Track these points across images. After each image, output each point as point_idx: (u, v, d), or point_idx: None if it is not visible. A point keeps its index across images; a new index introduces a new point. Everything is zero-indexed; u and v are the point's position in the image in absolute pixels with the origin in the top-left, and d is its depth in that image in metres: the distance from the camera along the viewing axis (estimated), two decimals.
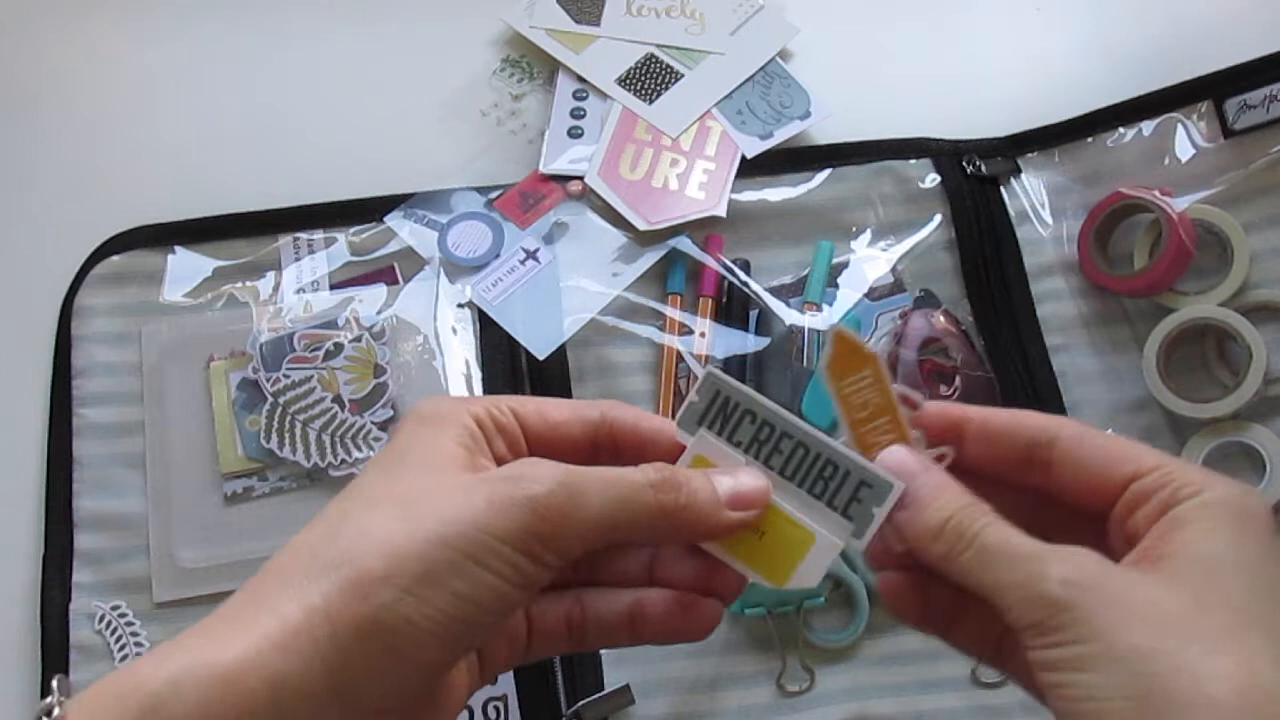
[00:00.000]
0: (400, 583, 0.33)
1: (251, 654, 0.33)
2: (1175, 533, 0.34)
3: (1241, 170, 0.68)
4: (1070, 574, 0.33)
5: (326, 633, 0.33)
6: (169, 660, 0.33)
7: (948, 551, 0.36)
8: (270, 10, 0.79)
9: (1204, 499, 0.35)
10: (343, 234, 0.71)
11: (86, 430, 0.67)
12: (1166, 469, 0.36)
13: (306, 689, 0.33)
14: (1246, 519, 0.34)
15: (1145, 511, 0.36)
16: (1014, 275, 0.70)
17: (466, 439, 0.38)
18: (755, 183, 0.72)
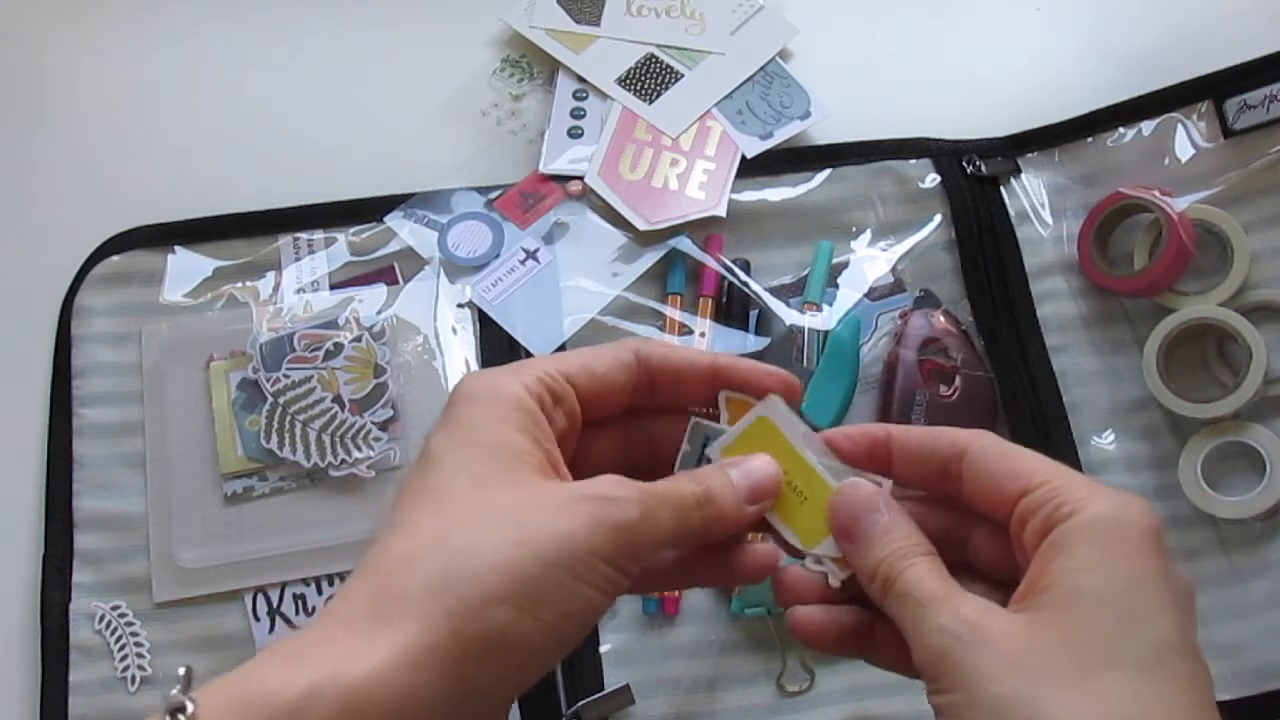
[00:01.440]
0: (519, 603, 0.35)
1: (383, 670, 0.33)
2: (1051, 560, 0.36)
3: (1241, 170, 0.68)
4: (948, 623, 0.35)
5: (453, 652, 0.34)
6: (301, 672, 0.34)
7: (879, 591, 0.39)
8: (270, 10, 0.79)
9: (1080, 520, 0.36)
10: (343, 234, 0.71)
11: (86, 430, 0.67)
12: (1052, 484, 0.37)
13: (434, 703, 0.34)
14: (1119, 540, 0.35)
15: (1030, 531, 0.37)
16: (1014, 275, 0.70)
17: (530, 425, 0.39)
18: (755, 183, 0.72)
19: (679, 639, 0.64)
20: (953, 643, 0.35)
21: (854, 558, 0.40)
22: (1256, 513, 0.63)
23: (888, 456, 0.42)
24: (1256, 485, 0.63)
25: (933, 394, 0.66)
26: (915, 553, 0.38)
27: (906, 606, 0.37)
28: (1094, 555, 0.35)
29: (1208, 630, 0.63)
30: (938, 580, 0.37)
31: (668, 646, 0.64)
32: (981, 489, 0.39)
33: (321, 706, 0.33)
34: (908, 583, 0.37)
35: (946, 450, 0.40)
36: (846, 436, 0.42)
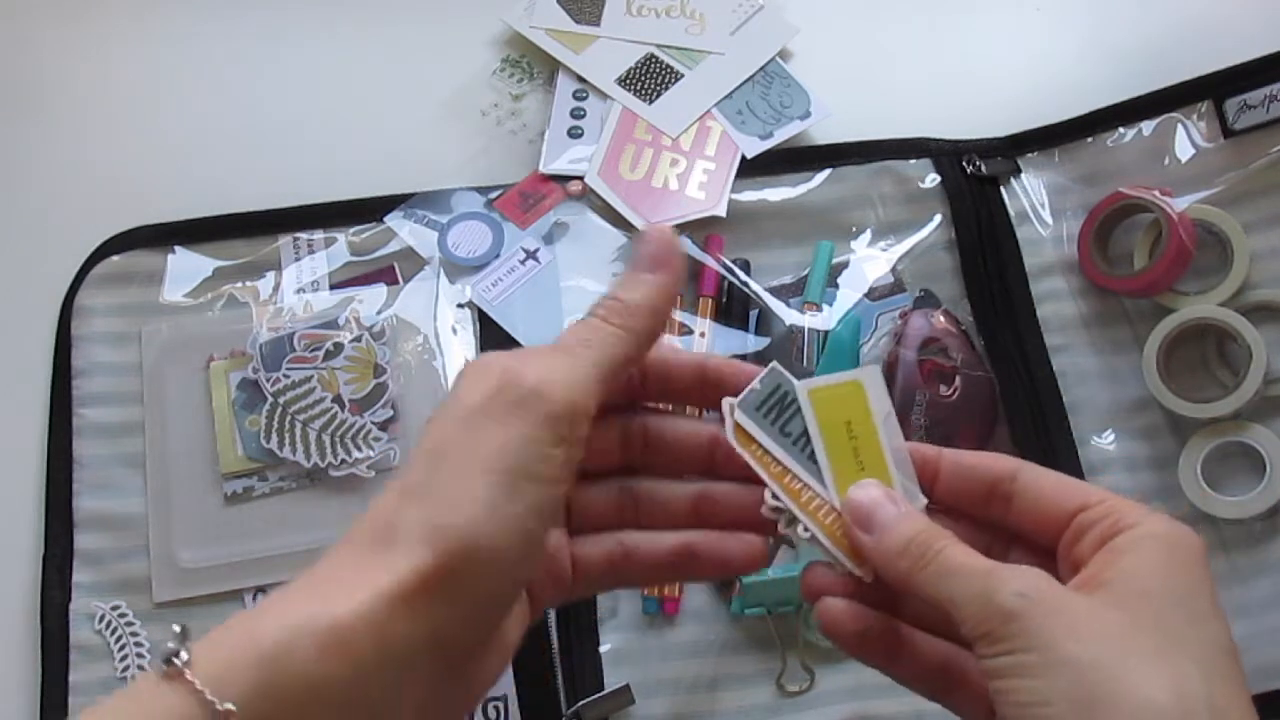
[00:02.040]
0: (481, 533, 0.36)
1: (365, 611, 0.35)
2: (1115, 561, 0.37)
3: (1241, 170, 0.68)
4: (1022, 588, 0.36)
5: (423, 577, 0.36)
6: (284, 615, 0.35)
7: (910, 566, 0.39)
8: (270, 10, 0.79)
9: (1141, 531, 0.38)
10: (343, 234, 0.71)
11: (86, 430, 0.67)
12: (1110, 503, 0.39)
13: (411, 643, 0.35)
14: (1178, 551, 0.38)
15: (1089, 540, 0.39)
16: (1014, 275, 0.69)
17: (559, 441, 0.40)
18: (755, 183, 0.72)
19: (679, 639, 0.64)
20: (1030, 605, 0.36)
21: (876, 545, 0.41)
22: (1256, 513, 0.63)
23: (934, 475, 0.43)
24: (1256, 485, 0.63)
25: (933, 394, 0.66)
26: (945, 534, 0.40)
27: (959, 577, 0.38)
28: (1158, 560, 0.37)
29: None
30: (983, 557, 0.39)
31: (668, 646, 0.64)
32: (1035, 507, 0.41)
33: (302, 647, 0.34)
34: (954, 556, 0.39)
35: (999, 470, 0.42)
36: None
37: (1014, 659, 0.35)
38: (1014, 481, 0.42)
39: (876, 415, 0.44)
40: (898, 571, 0.40)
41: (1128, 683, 0.34)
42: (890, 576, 0.40)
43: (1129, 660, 0.34)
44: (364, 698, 0.35)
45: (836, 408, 0.44)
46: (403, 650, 0.35)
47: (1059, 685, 0.34)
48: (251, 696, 0.34)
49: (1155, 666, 0.34)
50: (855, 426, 0.44)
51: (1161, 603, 0.36)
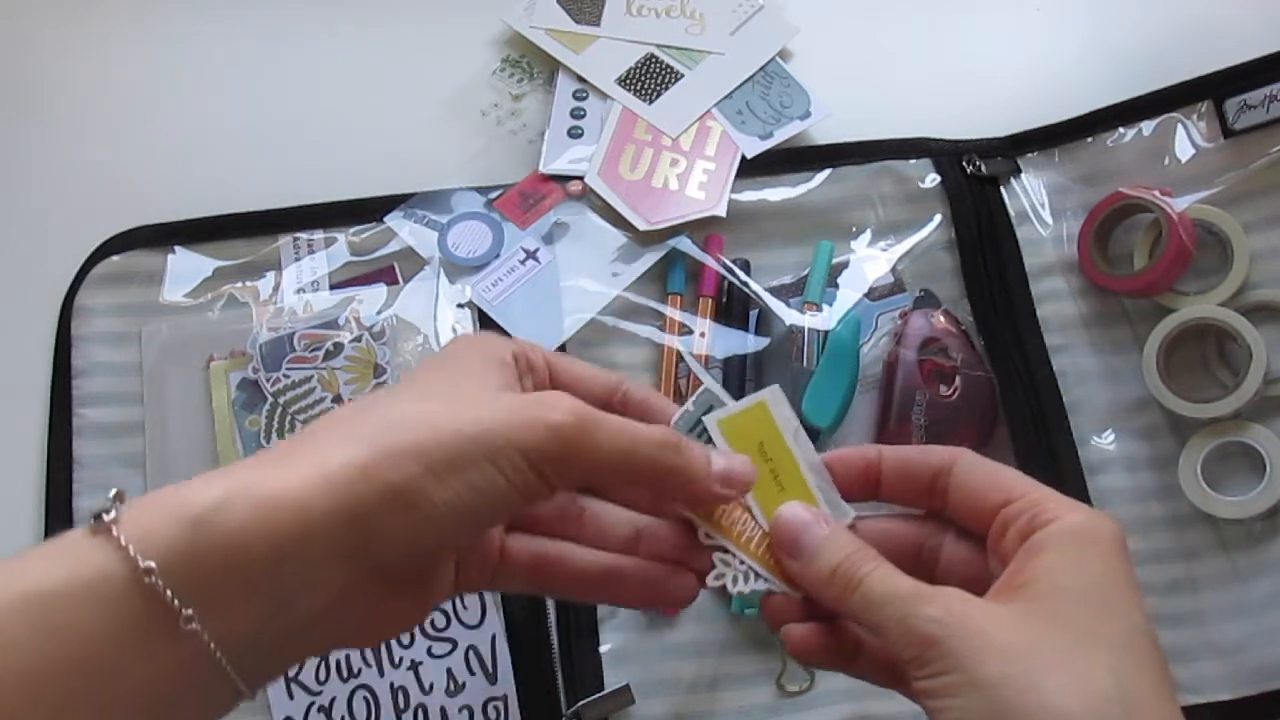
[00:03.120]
0: (429, 463, 0.37)
1: (293, 487, 0.36)
2: (1030, 561, 0.39)
3: (1241, 170, 0.68)
4: (937, 613, 0.38)
5: (360, 487, 0.37)
6: (215, 484, 0.36)
7: (839, 594, 0.41)
8: (270, 10, 0.79)
9: (1056, 527, 0.39)
10: (343, 234, 0.71)
11: (86, 430, 0.67)
12: (1031, 497, 0.41)
13: (330, 528, 0.36)
14: (1092, 544, 0.39)
15: (1011, 536, 0.40)
16: (1014, 275, 0.69)
17: (503, 367, 0.43)
18: (755, 183, 0.72)
19: (679, 639, 0.64)
20: (944, 630, 0.37)
21: (804, 570, 0.43)
22: (1256, 513, 0.63)
23: (878, 475, 0.45)
24: (1256, 485, 0.63)
25: (933, 394, 0.66)
26: (872, 558, 0.41)
27: (883, 603, 0.40)
28: (1071, 555, 0.39)
29: (1208, 630, 0.63)
30: (907, 579, 0.40)
31: (668, 646, 0.64)
32: (966, 500, 0.43)
33: (232, 512, 0.35)
34: (877, 582, 0.40)
35: (935, 465, 0.43)
36: (840, 460, 0.45)
37: (936, 681, 0.37)
38: (950, 474, 0.43)
39: (786, 433, 0.45)
40: (827, 598, 0.42)
41: (1037, 695, 0.36)
42: (823, 602, 0.42)
43: (1038, 672, 0.36)
44: (278, 577, 0.36)
45: (747, 433, 0.45)
46: (324, 534, 0.36)
47: (977, 704, 0.36)
48: (173, 557, 0.35)
49: (1064, 673, 0.36)
50: (768, 448, 0.45)
51: (1074, 600, 0.38)
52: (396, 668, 0.63)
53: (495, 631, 0.63)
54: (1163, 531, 0.65)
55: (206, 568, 0.35)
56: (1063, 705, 0.35)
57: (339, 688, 0.63)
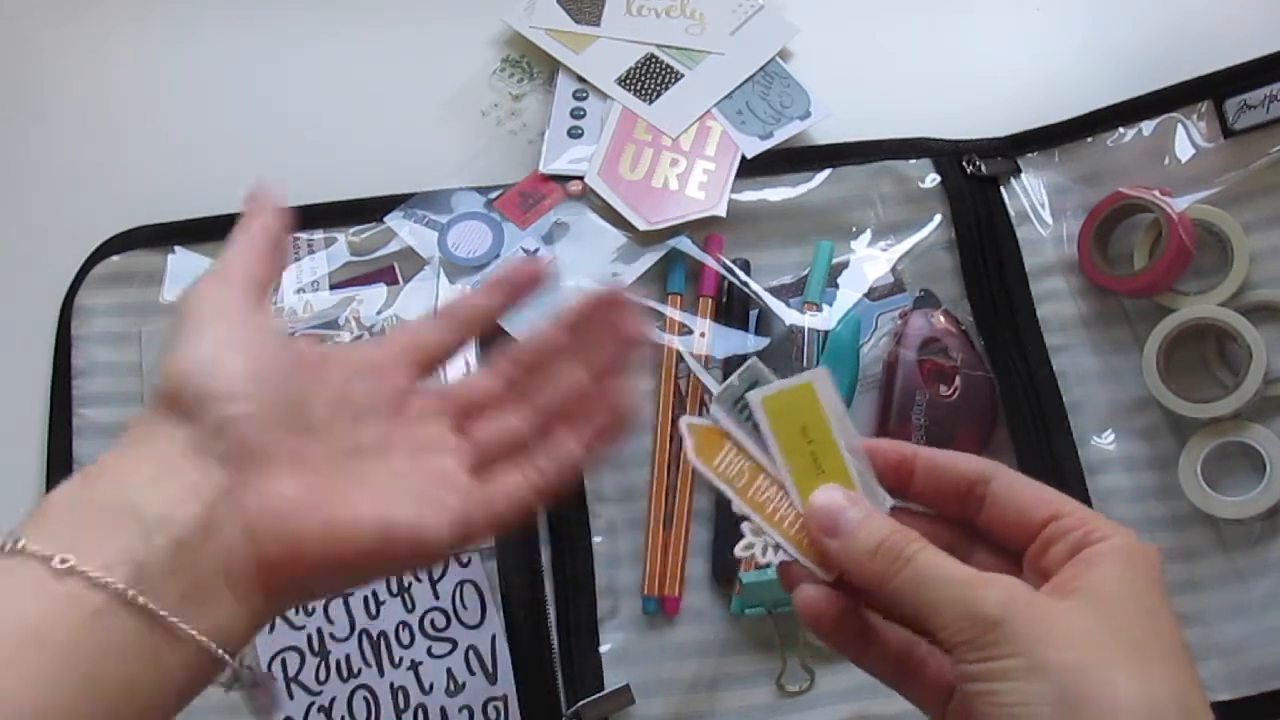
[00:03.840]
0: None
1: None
2: (1084, 572, 0.39)
3: (1241, 170, 0.68)
4: (1003, 597, 0.38)
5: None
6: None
7: (884, 570, 0.40)
8: (270, 10, 0.79)
9: (1108, 545, 0.40)
10: (343, 234, 0.71)
11: (86, 430, 0.67)
12: (1081, 515, 0.41)
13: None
14: (1141, 564, 0.40)
15: (1058, 550, 0.41)
16: (1014, 275, 0.70)
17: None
18: (755, 183, 0.72)
19: (679, 639, 0.64)
20: (1008, 613, 0.37)
21: (843, 550, 0.42)
22: (1256, 513, 0.63)
23: (910, 473, 0.44)
24: (1256, 485, 0.63)
25: (933, 394, 0.66)
26: (917, 538, 0.41)
27: (938, 583, 0.39)
28: (1123, 572, 0.40)
29: (1208, 630, 0.63)
30: (958, 563, 0.40)
31: (667, 646, 0.64)
32: (1007, 512, 0.43)
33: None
34: (928, 562, 0.40)
35: (970, 474, 0.43)
36: (876, 450, 0.45)
37: (998, 664, 0.37)
38: (988, 485, 0.43)
39: (831, 417, 0.44)
40: (870, 575, 0.41)
41: (1106, 685, 0.36)
42: (862, 580, 0.41)
43: (1105, 664, 0.37)
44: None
45: (791, 413, 0.44)
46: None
47: (1042, 688, 0.36)
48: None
49: (1129, 670, 0.37)
50: (811, 430, 0.44)
51: (1129, 611, 0.39)
52: (396, 668, 0.63)
53: (495, 631, 0.63)
54: (1163, 531, 0.65)
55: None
56: (1128, 699, 0.36)
57: (339, 688, 0.63)
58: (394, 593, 0.64)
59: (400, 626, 0.63)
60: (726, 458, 0.44)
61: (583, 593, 0.64)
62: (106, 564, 0.37)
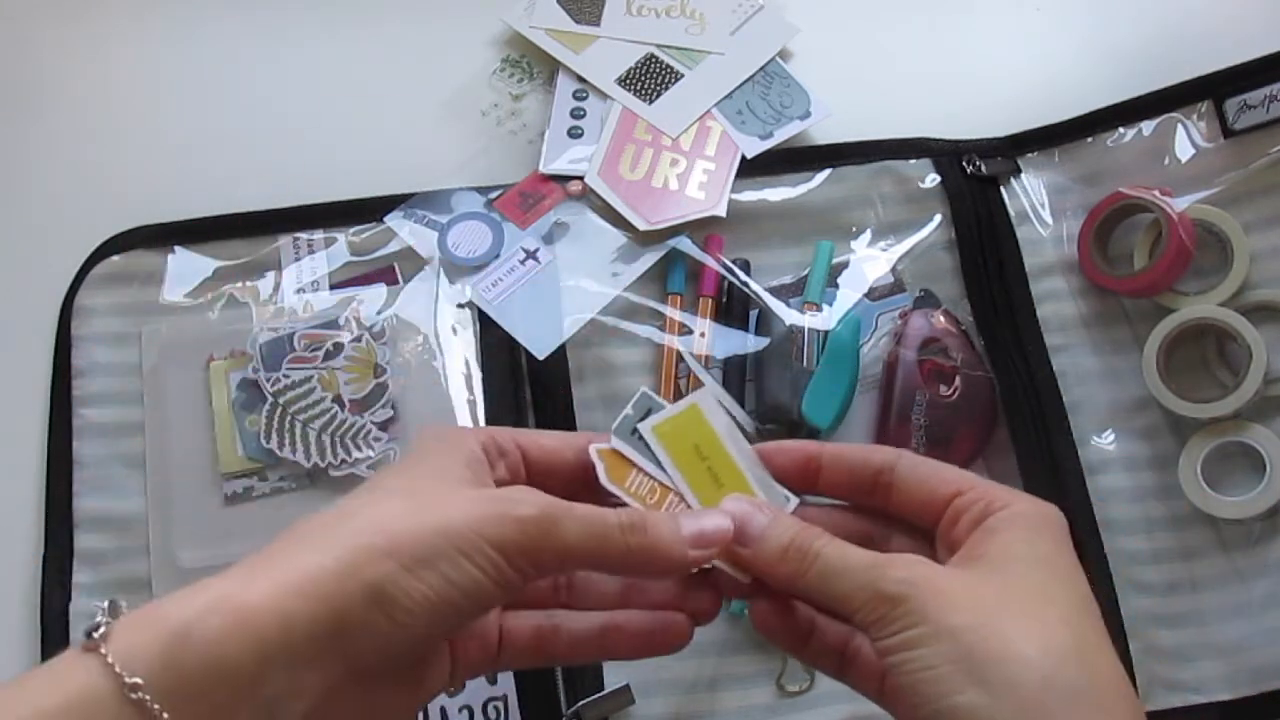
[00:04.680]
0: (404, 561, 0.39)
1: (270, 597, 0.37)
2: (986, 539, 0.42)
3: (1241, 170, 0.68)
4: (903, 575, 0.40)
5: (336, 589, 0.38)
6: (196, 597, 0.38)
7: (794, 570, 0.43)
8: (270, 10, 0.79)
9: (1010, 511, 0.42)
10: (343, 234, 0.71)
11: (86, 430, 0.67)
12: (982, 489, 0.44)
13: (313, 633, 0.37)
14: (1042, 525, 0.43)
15: (964, 522, 0.43)
16: (1014, 275, 0.69)
17: (474, 462, 0.44)
18: (755, 183, 0.72)
19: None
20: (911, 589, 0.40)
21: (755, 555, 0.44)
22: (1256, 513, 0.63)
23: (817, 470, 0.47)
24: (1256, 485, 0.63)
25: (933, 394, 0.66)
26: (820, 534, 0.43)
27: (845, 573, 0.41)
28: (1024, 535, 0.42)
29: (1208, 630, 0.63)
30: (862, 550, 0.42)
31: None
32: (914, 494, 0.45)
33: (211, 622, 0.37)
34: (834, 555, 0.42)
35: (877, 462, 0.45)
36: (780, 451, 0.47)
37: (903, 636, 0.39)
38: (894, 471, 0.45)
39: (720, 432, 0.46)
40: (784, 575, 0.43)
41: (1002, 641, 0.38)
42: (777, 581, 0.44)
43: (1002, 622, 0.39)
44: (264, 681, 0.37)
45: (682, 436, 0.47)
46: (305, 639, 0.37)
47: (944, 650, 0.38)
48: (158, 670, 0.36)
49: (1026, 625, 0.39)
50: (704, 448, 0.47)
51: (1028, 569, 0.41)
52: None
53: None
54: (1163, 531, 0.65)
55: (191, 679, 0.36)
56: (1025, 650, 0.38)
57: None
58: None
59: None
60: (636, 479, 0.46)
61: None
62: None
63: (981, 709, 0.37)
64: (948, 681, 0.38)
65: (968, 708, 0.37)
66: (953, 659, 0.38)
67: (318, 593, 0.38)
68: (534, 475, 0.46)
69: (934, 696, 0.38)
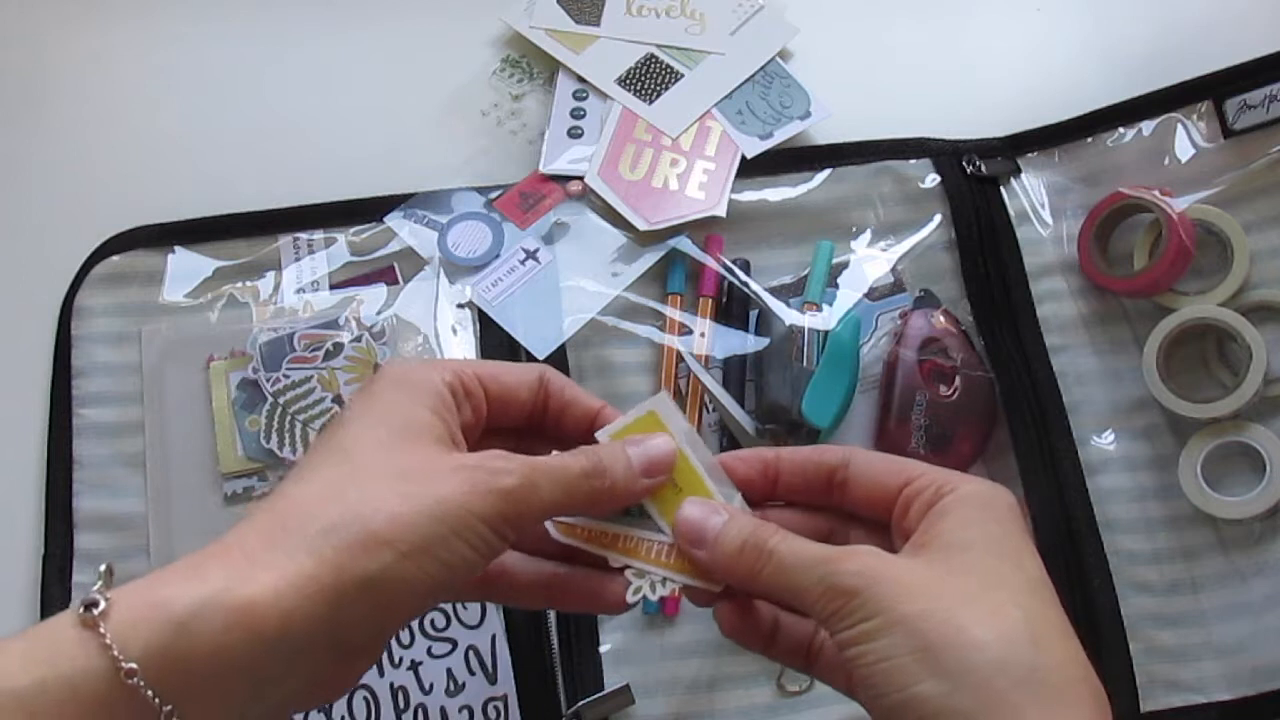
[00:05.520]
0: (402, 549, 0.39)
1: (270, 592, 0.38)
2: (936, 524, 0.42)
3: (1241, 170, 0.68)
4: (856, 567, 0.41)
5: (334, 582, 0.38)
6: (196, 586, 0.38)
7: (750, 569, 0.43)
8: (270, 10, 0.79)
9: (956, 495, 0.43)
10: (343, 234, 0.71)
11: (86, 430, 0.67)
12: (930, 475, 0.44)
13: (312, 627, 0.38)
14: (990, 507, 0.43)
15: (915, 510, 0.44)
16: (1014, 275, 0.69)
17: (440, 407, 0.44)
18: (755, 183, 0.72)
19: (679, 639, 0.64)
20: (865, 581, 0.40)
21: (712, 555, 0.44)
22: (1256, 513, 0.63)
23: (776, 476, 0.47)
24: (1256, 485, 0.63)
25: (933, 394, 0.66)
26: (775, 531, 0.43)
27: (799, 569, 0.42)
28: (973, 516, 0.42)
29: (1208, 630, 0.63)
30: (815, 544, 0.43)
31: (668, 646, 0.64)
32: (867, 488, 0.45)
33: (210, 618, 0.37)
34: (787, 552, 0.43)
35: (831, 461, 0.46)
36: (739, 459, 0.48)
37: (859, 629, 0.40)
38: (847, 468, 0.46)
39: (678, 436, 0.47)
40: (741, 574, 0.44)
41: (955, 627, 0.39)
42: (736, 581, 0.44)
43: (953, 608, 0.39)
44: (258, 675, 0.38)
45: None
46: (302, 635, 0.38)
47: (899, 641, 0.39)
48: (154, 657, 0.37)
49: (977, 609, 0.39)
50: None
51: (978, 552, 0.41)
52: (396, 668, 0.63)
53: (495, 631, 0.63)
54: (1163, 531, 0.65)
55: (188, 670, 0.37)
56: (979, 634, 0.38)
57: None
58: None
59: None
60: (586, 522, 0.47)
61: None
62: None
63: (939, 697, 0.38)
64: (906, 672, 0.38)
65: (925, 696, 0.38)
66: (909, 649, 0.38)
67: (317, 589, 0.38)
68: (493, 410, 0.47)
69: (894, 687, 0.39)
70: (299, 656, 0.38)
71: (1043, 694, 0.38)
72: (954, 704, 0.38)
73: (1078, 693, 0.39)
